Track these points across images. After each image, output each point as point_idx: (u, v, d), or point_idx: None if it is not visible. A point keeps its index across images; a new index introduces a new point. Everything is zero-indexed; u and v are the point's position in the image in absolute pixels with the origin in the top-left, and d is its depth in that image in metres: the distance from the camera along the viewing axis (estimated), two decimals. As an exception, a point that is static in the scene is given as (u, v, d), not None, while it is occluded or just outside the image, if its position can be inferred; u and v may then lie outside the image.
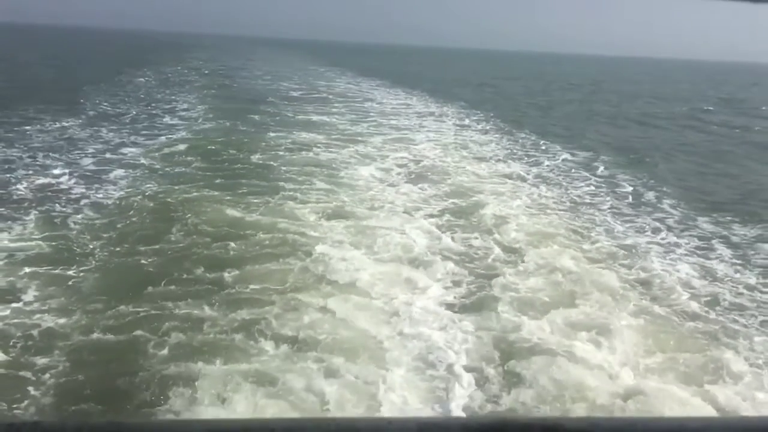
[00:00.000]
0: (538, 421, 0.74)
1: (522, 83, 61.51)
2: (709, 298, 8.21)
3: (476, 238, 10.42)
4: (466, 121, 27.24)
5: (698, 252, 10.29)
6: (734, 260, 9.86)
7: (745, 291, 8.46)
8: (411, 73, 65.71)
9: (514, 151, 19.98)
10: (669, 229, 11.67)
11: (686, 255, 10.12)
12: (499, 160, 18.14)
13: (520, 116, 30.16)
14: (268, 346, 6.40)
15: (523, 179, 15.70)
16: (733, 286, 8.65)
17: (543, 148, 20.71)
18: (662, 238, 10.98)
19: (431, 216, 11.68)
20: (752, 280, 8.90)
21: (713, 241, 10.90)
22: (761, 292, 8.47)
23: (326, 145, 18.66)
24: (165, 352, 6.16)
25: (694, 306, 7.98)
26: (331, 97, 34.62)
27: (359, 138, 20.43)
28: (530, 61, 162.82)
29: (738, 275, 9.14)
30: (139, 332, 6.49)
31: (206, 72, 48.59)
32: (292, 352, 6.29)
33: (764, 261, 9.88)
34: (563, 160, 18.77)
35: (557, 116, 32.07)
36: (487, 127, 25.39)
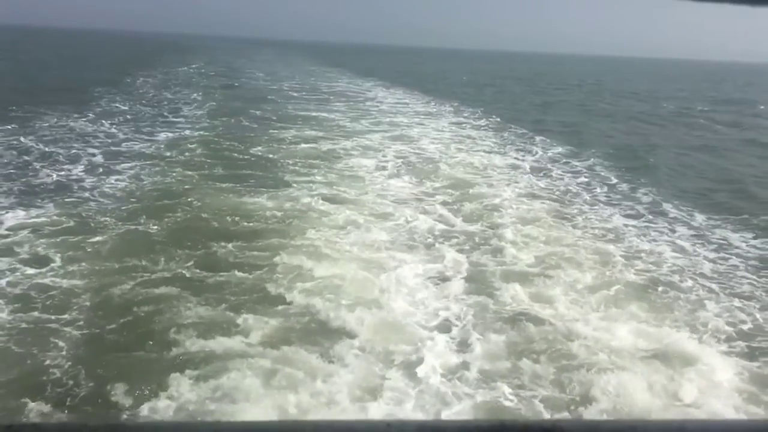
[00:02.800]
0: (536, 423, 0.73)
1: (525, 83, 62.31)
2: (677, 269, 9.23)
3: (473, 221, 11.18)
4: (465, 118, 27.97)
5: (669, 233, 11.28)
6: (697, 240, 10.92)
7: (705, 262, 9.62)
8: (415, 73, 66.46)
9: (511, 145, 20.73)
10: (647, 214, 12.57)
11: (659, 235, 11.13)
12: (495, 153, 18.88)
13: (519, 114, 30.91)
14: (277, 308, 7.10)
15: (517, 170, 16.49)
16: (697, 260, 9.73)
17: (538, 142, 21.42)
18: (636, 223, 11.90)
19: (431, 203, 12.41)
20: (712, 255, 10.07)
21: (678, 225, 11.87)
22: (719, 264, 9.63)
23: (328, 140, 19.32)
24: (175, 310, 6.88)
25: (664, 277, 8.88)
26: (332, 97, 35.32)
27: (360, 133, 21.15)
28: (534, 61, 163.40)
29: (701, 251, 10.24)
30: (155, 291, 7.27)
31: (211, 73, 49.33)
32: (301, 316, 6.94)
33: (720, 241, 10.91)
34: (557, 153, 19.49)
35: (555, 113, 32.74)
36: (486, 124, 26.12)
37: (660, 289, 8.39)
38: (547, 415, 5.41)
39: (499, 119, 27.40)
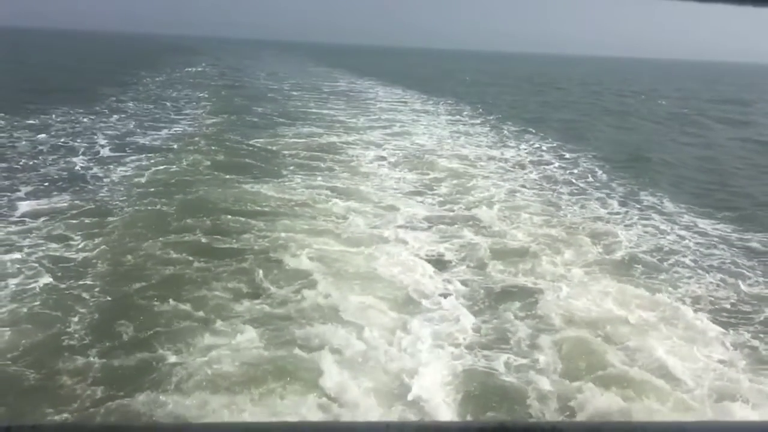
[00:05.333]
0: (536, 425, 0.75)
1: (526, 82, 63.15)
2: (652, 246, 10.13)
3: (468, 208, 11.85)
4: (465, 116, 28.68)
5: (644, 217, 12.14)
6: (669, 222, 11.82)
7: (677, 239, 10.58)
8: (418, 73, 67.07)
9: (508, 140, 21.44)
10: (630, 201, 13.36)
11: (638, 219, 11.94)
12: (492, 148, 19.56)
13: (519, 111, 31.61)
14: (283, 278, 7.77)
15: (513, 163, 17.16)
16: (670, 239, 10.62)
17: (534, 137, 22.12)
18: (620, 209, 12.68)
19: (428, 194, 13.03)
20: (683, 233, 11.04)
21: (655, 211, 12.69)
22: (688, 240, 10.60)
23: (329, 135, 19.97)
24: (188, 277, 7.59)
25: (642, 255, 9.64)
26: (333, 96, 35.90)
27: (361, 129, 21.84)
28: (538, 62, 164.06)
29: (672, 231, 11.16)
30: (168, 261, 8.02)
31: (215, 73, 50.10)
32: (306, 287, 7.52)
33: (688, 223, 11.86)
34: (551, 147, 20.19)
35: (553, 111, 33.37)
36: (485, 120, 26.81)
37: (639, 265, 9.13)
38: (548, 416, 5.52)
39: (498, 116, 28.10)
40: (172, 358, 5.88)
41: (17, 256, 8.07)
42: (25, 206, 10.39)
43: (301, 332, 6.43)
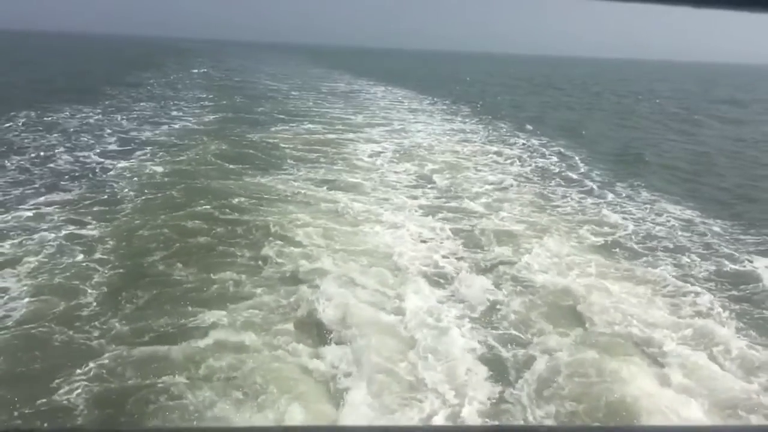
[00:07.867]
0: (531, 429, 1.05)
1: (526, 82, 63.68)
2: (635, 230, 10.77)
3: (464, 199, 12.38)
4: (463, 114, 29.14)
5: (629, 205, 12.81)
6: (651, 210, 12.45)
7: (657, 226, 11.18)
8: (420, 74, 67.62)
9: (504, 137, 21.95)
10: (616, 192, 13.95)
11: (623, 207, 12.59)
12: (487, 144, 20.08)
13: (515, 110, 32.04)
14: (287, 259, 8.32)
15: (507, 158, 17.63)
16: (651, 224, 11.27)
17: (528, 134, 22.63)
18: (606, 199, 13.29)
19: (426, 187, 13.49)
20: (662, 218, 11.73)
21: (632, 199, 13.34)
22: (669, 226, 11.22)
23: (328, 132, 20.46)
24: (198, 255, 8.16)
25: (623, 239, 10.24)
26: (332, 96, 36.29)
27: (360, 127, 22.33)
28: (540, 63, 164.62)
29: (655, 217, 11.80)
30: (178, 233, 8.71)
31: (216, 74, 50.65)
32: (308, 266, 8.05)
33: (671, 210, 12.43)
34: (543, 143, 20.67)
35: (549, 110, 33.89)
36: (482, 118, 27.21)
37: (619, 248, 9.73)
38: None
39: (496, 115, 28.55)
40: (193, 323, 6.42)
41: (37, 237, 8.63)
42: (41, 199, 10.86)
43: (310, 298, 7.02)
